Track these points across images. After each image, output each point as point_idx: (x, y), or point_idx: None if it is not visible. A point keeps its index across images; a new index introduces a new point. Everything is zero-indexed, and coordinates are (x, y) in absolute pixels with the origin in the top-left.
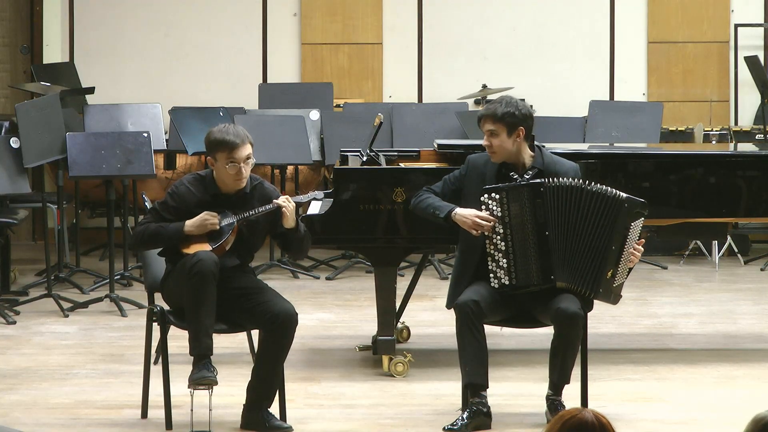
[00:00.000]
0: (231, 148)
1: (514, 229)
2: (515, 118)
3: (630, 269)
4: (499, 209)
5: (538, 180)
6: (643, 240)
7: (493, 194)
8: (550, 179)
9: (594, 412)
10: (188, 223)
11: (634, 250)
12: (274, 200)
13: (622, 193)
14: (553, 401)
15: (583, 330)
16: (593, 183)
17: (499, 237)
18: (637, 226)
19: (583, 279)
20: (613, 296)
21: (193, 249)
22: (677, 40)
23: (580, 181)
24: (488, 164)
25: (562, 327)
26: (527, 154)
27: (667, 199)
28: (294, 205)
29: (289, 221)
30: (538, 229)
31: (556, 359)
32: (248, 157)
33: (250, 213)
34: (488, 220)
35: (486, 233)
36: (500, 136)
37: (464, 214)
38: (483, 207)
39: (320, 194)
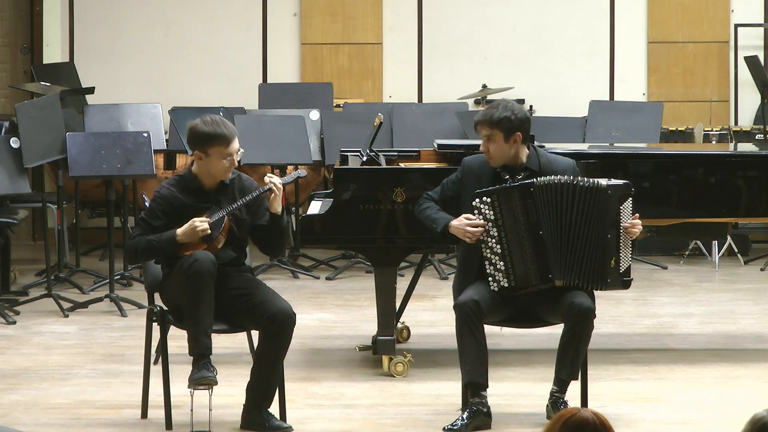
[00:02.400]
0: (227, 143)
1: (507, 231)
2: (511, 123)
3: (633, 245)
4: (491, 213)
5: (527, 181)
6: (637, 215)
7: (484, 198)
8: (540, 179)
9: (593, 411)
10: (179, 231)
11: (630, 226)
12: (267, 177)
13: (602, 181)
14: (557, 398)
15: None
16: (580, 178)
17: (494, 240)
18: (626, 208)
19: (588, 275)
20: (623, 282)
21: (188, 252)
22: (677, 40)
23: (569, 177)
24: (484, 165)
25: (575, 322)
26: (524, 155)
27: (667, 199)
28: (282, 187)
29: (277, 205)
30: (531, 229)
31: (567, 355)
32: (239, 149)
33: (237, 204)
34: (478, 225)
35: (481, 238)
36: (497, 141)
37: (456, 225)
38: (475, 211)
39: (303, 172)
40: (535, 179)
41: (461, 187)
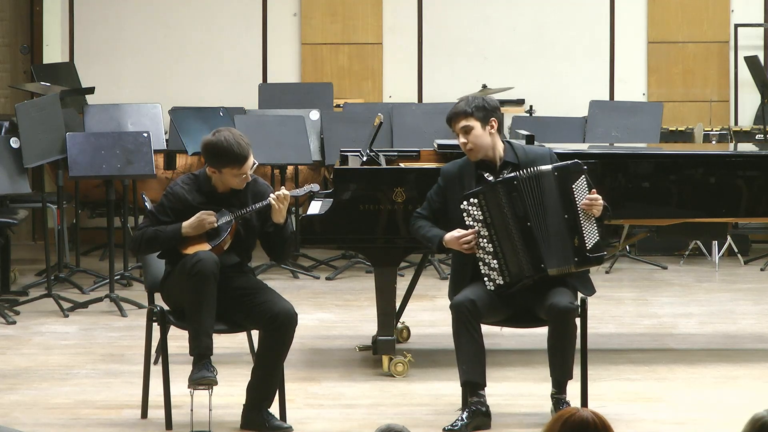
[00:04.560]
0: (240, 164)
1: (497, 229)
2: (486, 110)
3: (600, 221)
4: (479, 213)
5: (510, 175)
6: (594, 190)
7: (471, 200)
8: (522, 171)
9: (592, 411)
10: (185, 224)
11: (586, 202)
12: (270, 195)
13: (547, 166)
14: (558, 399)
15: (583, 328)
16: (538, 167)
17: (485, 240)
18: (579, 186)
19: (561, 258)
20: (592, 260)
21: (192, 250)
22: (677, 40)
23: (548, 167)
24: (464, 169)
25: (555, 322)
26: (500, 148)
27: (667, 199)
28: (288, 198)
29: (279, 216)
30: (519, 222)
31: (556, 356)
32: (253, 164)
33: (246, 210)
34: (469, 234)
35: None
36: (475, 129)
37: (449, 240)
38: (465, 215)
39: (316, 187)
40: (517, 172)
41: (446, 196)
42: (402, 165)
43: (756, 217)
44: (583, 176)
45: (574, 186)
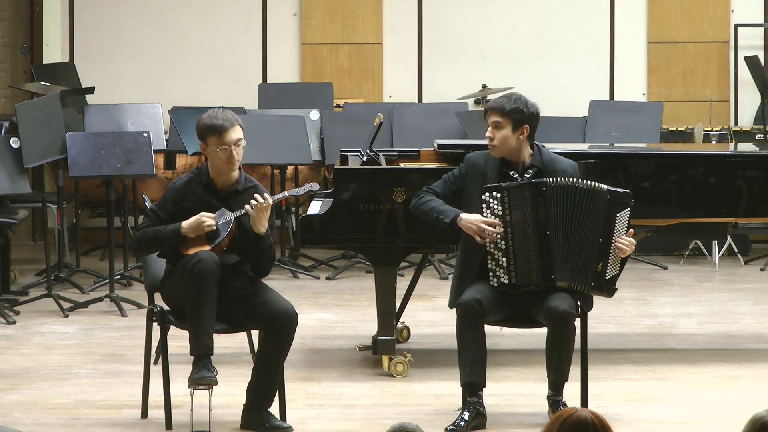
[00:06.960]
0: (221, 132)
1: (514, 228)
2: (522, 115)
3: (624, 261)
4: (500, 208)
5: (540, 180)
6: (632, 230)
7: (494, 193)
8: (552, 179)
9: (591, 411)
10: (184, 223)
11: (622, 241)
12: (254, 196)
13: (602, 186)
14: (555, 401)
15: (583, 328)
16: (587, 180)
17: (499, 236)
18: (622, 217)
19: (577, 275)
20: (606, 289)
21: (192, 250)
22: (677, 40)
23: (579, 180)
24: (488, 162)
25: (553, 326)
26: (527, 153)
27: (667, 199)
28: (268, 209)
29: (257, 224)
30: (539, 228)
31: (552, 359)
32: (238, 140)
33: (241, 211)
34: (493, 225)
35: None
36: (504, 129)
37: (470, 219)
38: (484, 206)
39: (315, 186)
40: (548, 179)
41: (464, 183)
42: (402, 165)
43: (756, 217)
44: (629, 209)
45: (618, 214)
